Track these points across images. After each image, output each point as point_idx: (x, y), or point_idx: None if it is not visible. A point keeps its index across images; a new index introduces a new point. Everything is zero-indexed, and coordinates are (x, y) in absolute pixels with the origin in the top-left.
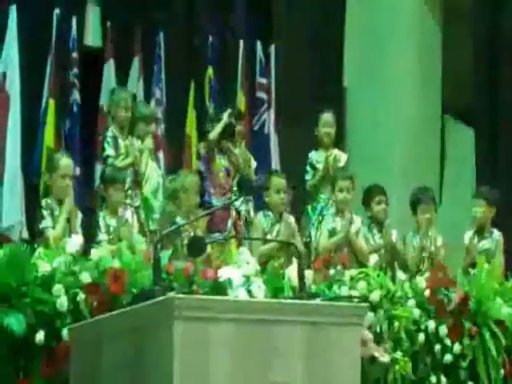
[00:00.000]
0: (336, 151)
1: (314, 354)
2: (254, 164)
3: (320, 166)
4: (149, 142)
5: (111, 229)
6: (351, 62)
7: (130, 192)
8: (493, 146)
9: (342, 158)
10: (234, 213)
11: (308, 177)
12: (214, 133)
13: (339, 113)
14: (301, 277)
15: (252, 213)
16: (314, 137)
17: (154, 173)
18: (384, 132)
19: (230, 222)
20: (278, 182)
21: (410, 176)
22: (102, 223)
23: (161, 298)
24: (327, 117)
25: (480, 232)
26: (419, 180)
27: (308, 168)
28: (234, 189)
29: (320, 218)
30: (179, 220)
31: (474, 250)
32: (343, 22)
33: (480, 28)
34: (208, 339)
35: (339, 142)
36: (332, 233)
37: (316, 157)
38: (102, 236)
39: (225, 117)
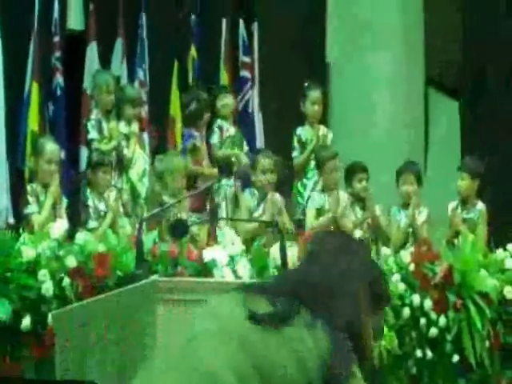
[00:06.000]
0: (323, 128)
1: None
2: (245, 148)
3: (308, 142)
4: (135, 126)
5: (101, 213)
6: (334, 37)
7: (113, 174)
8: (478, 118)
9: (329, 135)
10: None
11: (295, 153)
12: None
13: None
14: (282, 255)
15: (237, 191)
16: (299, 113)
17: (140, 158)
18: (368, 107)
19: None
20: (265, 162)
21: (395, 150)
22: (91, 208)
23: (143, 281)
24: (315, 93)
25: (464, 204)
26: (403, 154)
27: (295, 144)
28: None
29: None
30: (166, 201)
31: (458, 220)
32: None
33: None
34: (191, 321)
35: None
36: (320, 211)
37: (303, 133)
38: (93, 224)
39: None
